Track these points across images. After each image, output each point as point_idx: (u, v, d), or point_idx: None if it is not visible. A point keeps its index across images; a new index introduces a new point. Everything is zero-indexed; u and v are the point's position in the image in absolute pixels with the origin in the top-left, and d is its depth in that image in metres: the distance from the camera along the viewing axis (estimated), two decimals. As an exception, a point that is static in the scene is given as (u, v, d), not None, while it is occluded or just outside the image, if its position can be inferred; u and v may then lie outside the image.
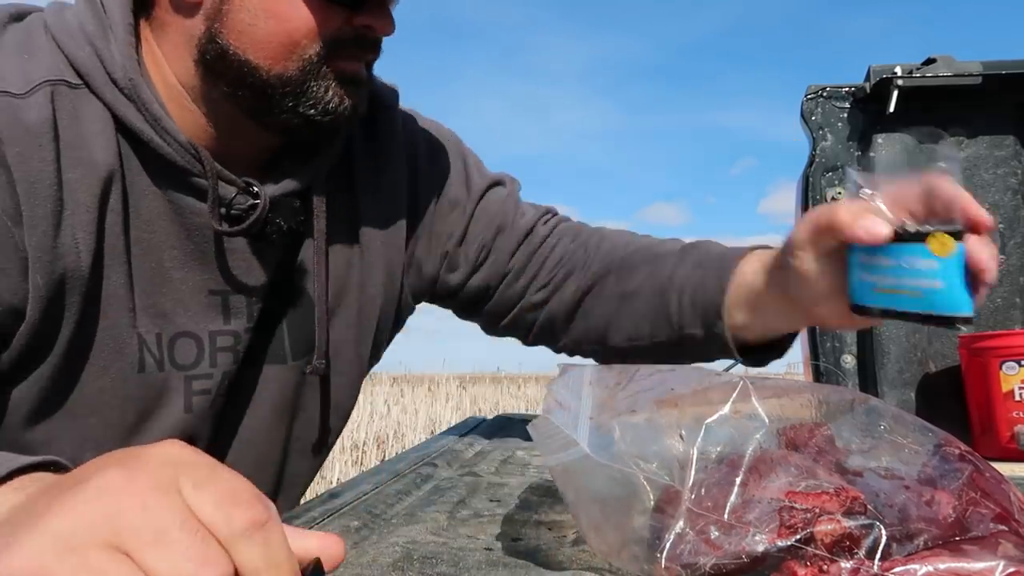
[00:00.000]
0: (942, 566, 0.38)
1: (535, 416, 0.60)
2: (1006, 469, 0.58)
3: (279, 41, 0.75)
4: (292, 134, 0.83)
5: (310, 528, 0.62)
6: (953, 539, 0.40)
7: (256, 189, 0.80)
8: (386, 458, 5.43)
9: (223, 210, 0.79)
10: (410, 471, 0.85)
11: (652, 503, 0.45)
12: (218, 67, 0.77)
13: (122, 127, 0.76)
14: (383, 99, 0.96)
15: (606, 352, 0.99)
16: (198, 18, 0.76)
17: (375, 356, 1.00)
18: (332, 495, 0.73)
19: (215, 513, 0.33)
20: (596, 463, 0.46)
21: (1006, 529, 0.40)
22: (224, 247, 0.82)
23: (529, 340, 1.05)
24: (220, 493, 0.34)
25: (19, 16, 0.80)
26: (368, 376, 1.06)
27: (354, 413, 1.27)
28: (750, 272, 0.85)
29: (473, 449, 1.01)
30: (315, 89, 0.77)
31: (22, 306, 0.71)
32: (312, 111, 0.78)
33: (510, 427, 1.22)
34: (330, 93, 0.78)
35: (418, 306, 1.05)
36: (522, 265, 1.00)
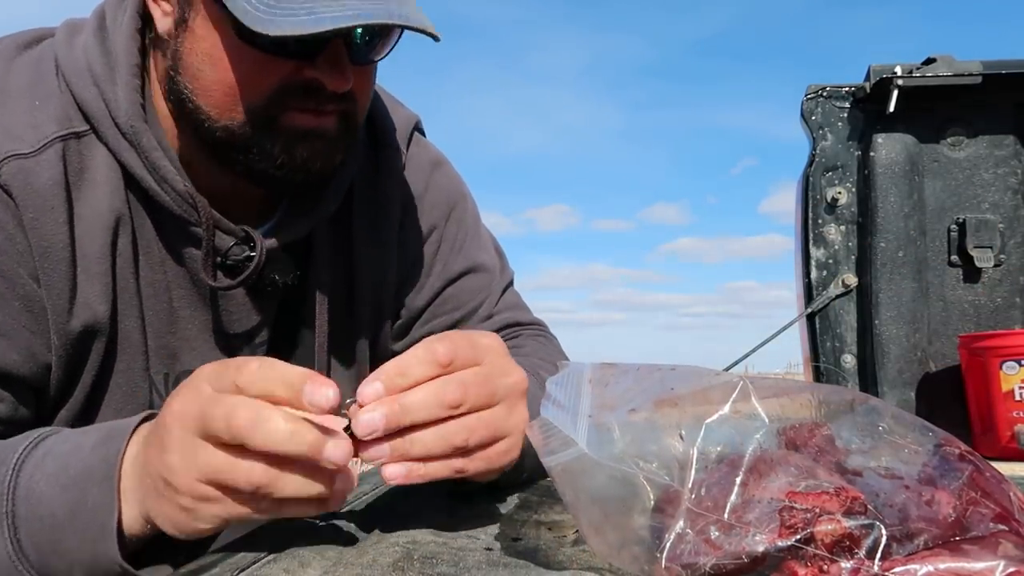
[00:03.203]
0: (942, 566, 0.38)
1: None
2: (1006, 469, 0.58)
3: (222, 90, 0.71)
4: (267, 185, 0.77)
5: (310, 528, 0.62)
6: (953, 539, 0.40)
7: (255, 241, 0.78)
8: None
9: (220, 259, 0.78)
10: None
11: (652, 503, 0.45)
12: (180, 110, 0.75)
13: (127, 172, 0.75)
14: (386, 138, 0.93)
15: None
16: (168, 54, 0.74)
17: None
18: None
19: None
20: (595, 463, 0.46)
21: (1006, 529, 0.40)
22: (221, 294, 0.81)
23: None
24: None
25: (32, 42, 0.78)
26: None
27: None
28: None
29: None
30: (264, 144, 0.72)
31: (50, 360, 0.73)
32: (264, 165, 0.73)
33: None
34: (278, 148, 0.72)
35: None
36: None
